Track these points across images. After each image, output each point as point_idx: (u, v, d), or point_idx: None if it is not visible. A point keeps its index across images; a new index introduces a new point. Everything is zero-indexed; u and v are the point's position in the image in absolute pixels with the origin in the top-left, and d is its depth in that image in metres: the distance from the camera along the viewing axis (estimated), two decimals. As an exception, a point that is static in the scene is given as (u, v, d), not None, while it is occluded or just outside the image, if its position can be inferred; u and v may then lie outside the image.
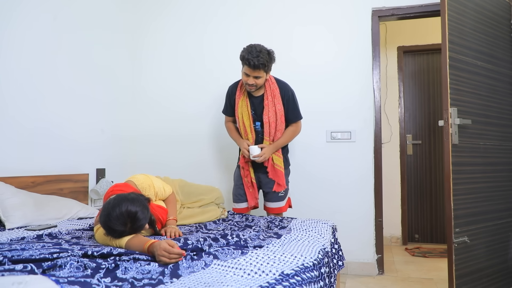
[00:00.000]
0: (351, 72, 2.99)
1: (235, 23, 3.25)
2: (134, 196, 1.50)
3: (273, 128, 2.44)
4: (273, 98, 2.43)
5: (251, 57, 2.26)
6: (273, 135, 2.46)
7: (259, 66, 2.27)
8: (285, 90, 2.48)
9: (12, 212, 1.97)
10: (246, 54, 2.29)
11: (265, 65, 2.29)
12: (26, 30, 2.40)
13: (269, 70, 2.40)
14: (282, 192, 2.50)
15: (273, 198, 2.50)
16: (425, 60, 4.08)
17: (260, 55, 2.26)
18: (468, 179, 2.22)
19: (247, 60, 2.28)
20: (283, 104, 2.46)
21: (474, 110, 2.28)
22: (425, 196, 4.01)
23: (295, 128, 2.56)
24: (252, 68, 2.29)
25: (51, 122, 2.58)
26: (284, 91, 2.47)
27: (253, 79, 2.34)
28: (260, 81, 2.37)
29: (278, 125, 2.45)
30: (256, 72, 2.31)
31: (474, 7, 2.33)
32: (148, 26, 3.44)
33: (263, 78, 2.38)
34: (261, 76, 2.34)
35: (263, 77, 2.37)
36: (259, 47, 2.32)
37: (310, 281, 1.19)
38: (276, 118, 2.44)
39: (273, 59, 2.37)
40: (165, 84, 3.39)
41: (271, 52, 2.36)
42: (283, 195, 2.51)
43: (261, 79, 2.37)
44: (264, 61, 2.27)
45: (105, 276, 1.11)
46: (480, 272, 2.22)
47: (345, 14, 3.02)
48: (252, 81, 2.35)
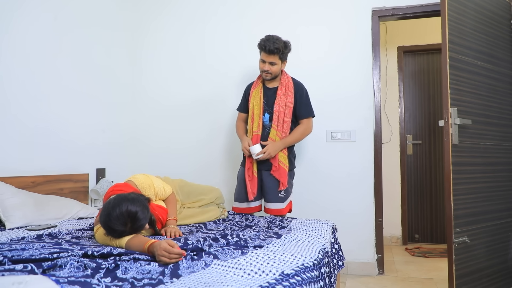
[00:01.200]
0: (351, 72, 2.99)
1: (235, 23, 3.25)
2: (134, 196, 1.50)
3: (281, 118, 2.47)
4: (285, 90, 2.49)
5: (268, 43, 2.38)
6: (281, 126, 2.46)
7: (274, 51, 2.37)
8: (299, 86, 2.56)
9: (12, 212, 1.98)
10: (263, 41, 2.43)
11: (280, 50, 2.39)
12: (27, 30, 2.40)
13: (284, 59, 2.48)
14: (283, 193, 2.45)
15: (273, 199, 2.46)
16: (425, 60, 4.08)
17: (276, 41, 2.40)
18: (468, 179, 2.22)
19: (263, 45, 2.40)
20: (296, 99, 2.50)
21: (474, 110, 2.28)
22: (425, 196, 4.01)
23: (306, 126, 2.52)
24: (268, 53, 2.40)
25: (52, 122, 2.58)
26: (298, 87, 2.55)
27: (268, 65, 2.43)
28: (275, 68, 2.45)
29: (286, 116, 2.47)
30: (271, 57, 2.41)
31: (474, 7, 2.33)
32: (148, 25, 3.44)
33: (278, 66, 2.46)
34: (276, 62, 2.43)
35: (278, 65, 2.45)
36: (276, 36, 2.44)
37: (310, 281, 1.19)
38: (285, 108, 2.47)
39: (288, 48, 2.46)
40: (166, 83, 3.40)
41: (287, 42, 2.47)
42: (283, 197, 2.46)
43: (276, 67, 2.45)
44: (279, 46, 2.38)
45: (105, 276, 1.11)
46: (480, 272, 2.22)
47: (345, 14, 3.02)
48: (267, 67, 2.44)
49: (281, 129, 2.46)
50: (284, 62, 2.51)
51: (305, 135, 2.55)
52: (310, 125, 2.55)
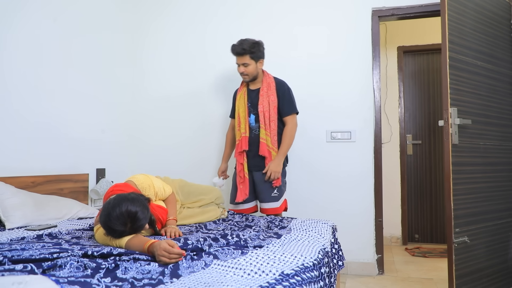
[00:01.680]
0: (351, 72, 2.99)
1: (235, 23, 3.25)
2: (134, 196, 1.50)
3: (267, 117, 2.49)
4: (267, 89, 2.52)
5: (235, 46, 2.48)
6: (268, 126, 2.49)
7: (241, 52, 2.44)
8: (282, 84, 2.57)
9: (12, 212, 1.97)
10: (232, 45, 2.50)
11: (248, 50, 2.43)
12: (28, 30, 2.40)
13: (257, 58, 2.50)
14: (276, 192, 2.48)
15: (267, 199, 2.48)
16: (425, 60, 4.08)
17: (243, 42, 2.46)
18: (468, 179, 2.22)
19: (232, 49, 2.49)
20: (278, 96, 2.52)
21: (474, 110, 2.28)
22: (425, 196, 4.01)
23: (291, 125, 2.53)
24: (237, 55, 2.48)
25: (52, 122, 2.58)
26: (280, 85, 2.56)
27: (242, 67, 2.49)
28: (249, 69, 2.49)
29: (271, 115, 2.49)
30: (242, 58, 2.47)
31: (474, 7, 2.33)
32: (149, 26, 3.44)
33: (252, 66, 2.49)
34: (248, 63, 2.47)
35: (252, 65, 2.49)
36: (247, 39, 2.50)
37: (310, 281, 1.19)
38: (269, 108, 2.49)
39: (257, 47, 2.48)
40: (166, 84, 3.39)
41: (259, 42, 2.51)
42: (277, 195, 2.48)
43: (251, 67, 2.49)
44: (246, 46, 2.43)
45: (105, 276, 1.11)
46: (480, 272, 2.22)
47: (345, 14, 3.02)
48: (242, 69, 2.50)
49: (268, 128, 2.49)
50: (260, 62, 2.53)
51: (294, 134, 2.54)
52: (294, 122, 2.56)
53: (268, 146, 2.48)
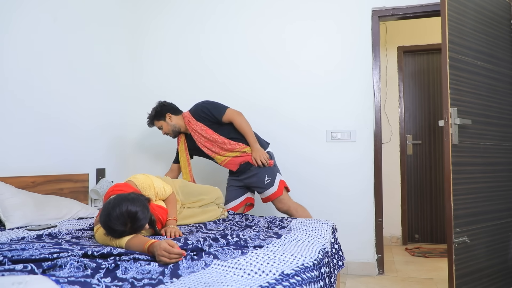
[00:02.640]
0: (351, 72, 2.99)
1: (233, 22, 3.25)
2: (134, 196, 1.50)
3: (210, 145, 2.57)
4: (191, 125, 2.60)
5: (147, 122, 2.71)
6: (218, 149, 2.57)
7: (148, 123, 2.70)
8: (196, 108, 2.63)
9: (12, 212, 1.97)
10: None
11: (151, 117, 2.67)
12: (28, 28, 2.40)
13: (162, 117, 2.65)
14: (268, 178, 2.52)
15: (263, 188, 2.54)
16: (425, 60, 4.08)
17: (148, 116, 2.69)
18: (468, 179, 2.22)
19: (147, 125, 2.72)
20: (202, 118, 2.57)
21: (474, 110, 2.28)
22: (425, 196, 4.01)
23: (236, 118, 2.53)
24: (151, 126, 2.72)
25: (51, 122, 2.57)
26: (196, 110, 2.62)
27: (161, 130, 2.69)
28: (165, 129, 2.67)
29: (211, 138, 2.55)
30: (154, 126, 2.71)
31: (474, 7, 2.33)
32: (148, 24, 3.44)
33: (165, 125, 2.66)
34: (160, 125, 2.67)
35: (164, 124, 2.66)
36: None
37: (310, 281, 1.19)
38: (205, 137, 2.57)
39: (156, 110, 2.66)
40: (166, 82, 3.39)
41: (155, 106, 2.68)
42: (270, 181, 2.53)
43: (165, 126, 2.67)
44: (149, 117, 2.68)
45: (105, 276, 1.11)
46: (480, 272, 2.22)
47: (345, 14, 3.02)
48: (162, 132, 2.70)
49: (220, 149, 2.56)
50: (168, 116, 2.64)
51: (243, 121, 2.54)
52: (234, 113, 2.55)
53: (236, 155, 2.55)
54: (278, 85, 3.11)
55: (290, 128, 3.07)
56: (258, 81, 3.14)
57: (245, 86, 3.17)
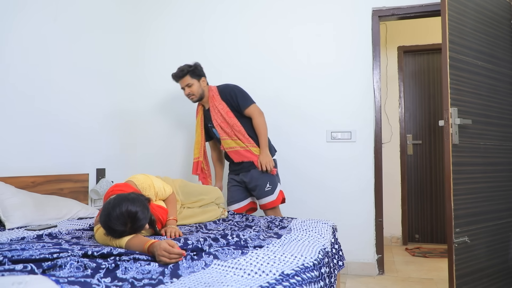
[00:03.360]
0: (351, 72, 2.99)
1: (234, 21, 3.25)
2: (134, 196, 1.50)
3: (225, 127, 2.54)
4: (214, 102, 2.56)
5: (174, 72, 2.60)
6: (232, 133, 2.54)
7: (180, 74, 2.55)
8: (225, 87, 2.61)
9: (12, 212, 1.97)
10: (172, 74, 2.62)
11: (185, 71, 2.54)
12: (29, 30, 2.40)
13: (198, 77, 2.58)
14: (269, 185, 2.51)
15: (262, 194, 2.52)
16: (425, 60, 4.08)
17: (180, 67, 2.58)
18: (468, 179, 2.22)
19: (173, 76, 2.61)
20: (227, 100, 2.55)
21: (474, 110, 2.28)
22: (425, 196, 4.01)
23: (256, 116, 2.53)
24: (178, 79, 2.58)
25: (52, 122, 2.57)
26: (224, 88, 2.59)
27: (187, 89, 2.57)
28: (194, 88, 2.57)
29: (229, 121, 2.53)
30: (183, 80, 2.57)
31: (474, 7, 2.33)
32: (149, 25, 3.44)
33: (196, 85, 2.57)
34: (191, 83, 2.56)
35: (195, 84, 2.57)
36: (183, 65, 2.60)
37: (310, 281, 1.19)
38: (223, 117, 2.54)
39: (194, 66, 2.59)
40: (168, 84, 3.38)
41: (194, 63, 2.61)
42: (270, 189, 2.52)
43: (194, 86, 2.57)
44: (183, 68, 2.55)
45: (105, 276, 1.11)
46: (480, 272, 2.22)
47: (345, 14, 3.02)
48: (187, 91, 2.58)
49: (233, 134, 2.54)
50: (202, 79, 2.60)
51: (263, 122, 2.54)
52: (257, 110, 2.55)
53: (242, 147, 2.53)
54: (278, 85, 3.11)
55: (290, 128, 3.07)
56: (258, 81, 3.13)
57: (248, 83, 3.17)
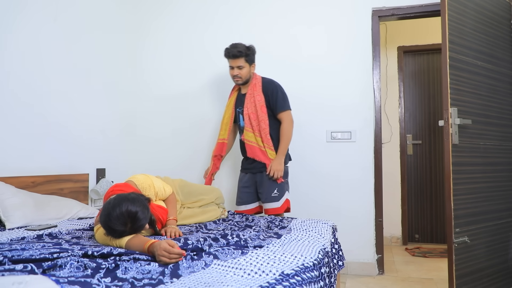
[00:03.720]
0: (351, 72, 2.99)
1: (235, 22, 3.25)
2: (134, 196, 1.50)
3: (254, 119, 2.50)
4: (253, 91, 2.53)
5: (230, 49, 2.50)
6: (256, 127, 2.50)
7: (237, 54, 2.48)
8: (270, 82, 2.58)
9: (12, 212, 1.97)
10: (226, 49, 2.53)
11: (243, 52, 2.48)
12: (29, 30, 2.40)
13: (251, 61, 2.55)
14: (276, 192, 2.48)
15: (268, 199, 2.49)
16: (425, 60, 4.08)
17: (238, 45, 2.50)
18: (468, 179, 2.22)
19: (227, 52, 2.51)
20: (267, 95, 2.52)
21: (474, 110, 2.28)
22: (425, 196, 4.01)
23: (286, 123, 2.52)
24: (233, 58, 2.50)
25: (52, 122, 2.57)
26: (268, 84, 2.57)
27: (237, 70, 2.52)
28: (244, 71, 2.52)
29: (259, 115, 2.50)
30: (237, 61, 2.50)
31: (474, 7, 2.33)
32: (149, 25, 3.44)
33: (247, 69, 2.53)
34: (243, 65, 2.51)
35: (246, 68, 2.53)
36: (239, 43, 2.54)
37: (310, 281, 1.19)
38: (256, 109, 2.50)
39: (252, 50, 2.54)
40: (167, 84, 3.39)
41: (250, 45, 2.55)
42: (277, 195, 2.48)
43: (245, 70, 2.53)
44: (242, 49, 2.48)
45: (105, 276, 1.11)
46: (480, 272, 2.22)
47: (345, 14, 3.02)
48: (236, 72, 2.52)
49: (257, 129, 2.50)
50: (253, 65, 2.58)
51: (290, 131, 2.53)
52: (289, 118, 2.55)
53: (259, 146, 2.50)
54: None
55: (290, 128, 3.06)
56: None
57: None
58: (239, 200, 2.64)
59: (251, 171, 2.59)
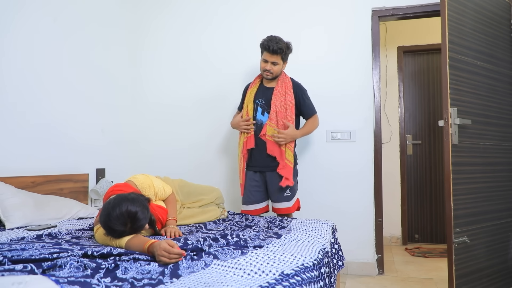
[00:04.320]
0: (351, 72, 2.99)
1: (236, 22, 3.25)
2: (134, 196, 1.50)
3: (280, 117, 2.48)
4: (284, 89, 2.52)
5: (271, 43, 2.44)
6: (282, 125, 2.48)
7: (277, 51, 2.43)
8: (300, 87, 2.61)
9: (12, 212, 1.97)
10: (266, 41, 2.47)
11: (283, 50, 2.45)
12: (28, 30, 2.40)
13: (286, 60, 2.54)
14: (288, 191, 2.47)
15: (280, 198, 2.48)
16: (425, 60, 4.08)
17: (279, 42, 2.46)
18: (468, 179, 2.22)
19: (267, 45, 2.45)
20: (298, 98, 2.54)
21: (474, 110, 2.28)
22: (425, 196, 4.01)
23: (313, 121, 2.60)
24: (271, 53, 2.45)
25: (52, 122, 2.57)
26: (298, 87, 2.59)
27: (270, 65, 2.48)
28: (276, 68, 2.50)
29: (288, 115, 2.48)
30: (274, 57, 2.46)
31: (474, 7, 2.33)
32: (149, 25, 3.44)
33: (280, 66, 2.51)
34: (278, 62, 2.48)
35: (280, 65, 2.51)
36: (279, 37, 2.50)
37: (310, 281, 1.19)
38: (286, 108, 2.49)
39: (290, 49, 2.53)
40: (166, 84, 3.39)
41: (289, 43, 2.53)
42: (289, 195, 2.48)
43: (278, 66, 2.50)
44: (282, 46, 2.44)
45: (105, 276, 1.11)
46: (480, 272, 2.22)
47: (345, 14, 3.02)
48: (269, 67, 2.49)
49: (283, 127, 2.47)
50: (285, 63, 2.56)
51: (314, 128, 2.62)
52: (317, 121, 2.63)
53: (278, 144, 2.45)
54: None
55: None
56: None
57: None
58: (249, 199, 2.56)
59: (261, 169, 2.54)
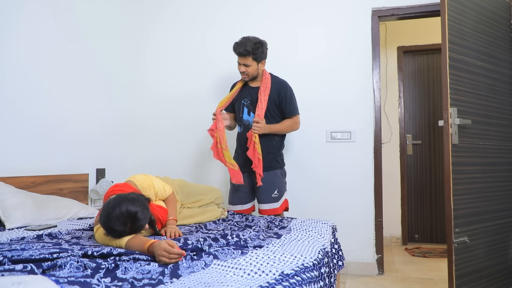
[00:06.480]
0: (351, 72, 2.99)
1: (236, 23, 3.25)
2: (134, 196, 1.50)
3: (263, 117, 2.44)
4: (264, 91, 2.47)
5: (238, 46, 2.41)
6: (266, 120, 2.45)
7: (244, 53, 2.38)
8: (283, 84, 2.52)
9: (12, 212, 1.97)
10: (235, 44, 2.44)
11: (250, 52, 2.37)
12: (29, 30, 2.40)
13: (259, 59, 2.45)
14: (276, 193, 2.47)
15: (267, 200, 2.46)
16: (425, 60, 4.08)
17: (246, 43, 2.38)
18: (468, 179, 2.22)
19: (235, 49, 2.43)
20: (280, 96, 2.48)
21: (474, 110, 2.28)
22: (425, 196, 4.01)
23: (292, 122, 2.52)
24: (239, 55, 2.42)
25: (52, 122, 2.57)
26: (282, 85, 2.51)
27: (243, 67, 2.44)
28: (250, 69, 2.44)
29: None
30: (244, 59, 2.42)
31: (474, 7, 2.33)
32: (150, 26, 3.43)
33: (253, 67, 2.45)
34: (249, 64, 2.42)
35: (253, 66, 2.44)
36: (249, 37, 2.43)
37: (310, 281, 1.19)
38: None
39: (261, 48, 2.42)
40: (167, 85, 3.39)
41: (262, 42, 2.44)
42: (277, 196, 2.47)
43: (251, 68, 2.44)
44: (249, 48, 2.37)
45: (105, 276, 1.11)
46: (480, 272, 2.22)
47: (345, 14, 3.02)
48: (243, 69, 2.45)
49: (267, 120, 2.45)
50: (262, 62, 2.48)
51: (291, 129, 2.54)
52: (297, 121, 2.55)
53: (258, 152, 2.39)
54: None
55: (290, 128, 3.06)
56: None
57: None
58: (235, 199, 2.57)
59: (248, 169, 2.52)
